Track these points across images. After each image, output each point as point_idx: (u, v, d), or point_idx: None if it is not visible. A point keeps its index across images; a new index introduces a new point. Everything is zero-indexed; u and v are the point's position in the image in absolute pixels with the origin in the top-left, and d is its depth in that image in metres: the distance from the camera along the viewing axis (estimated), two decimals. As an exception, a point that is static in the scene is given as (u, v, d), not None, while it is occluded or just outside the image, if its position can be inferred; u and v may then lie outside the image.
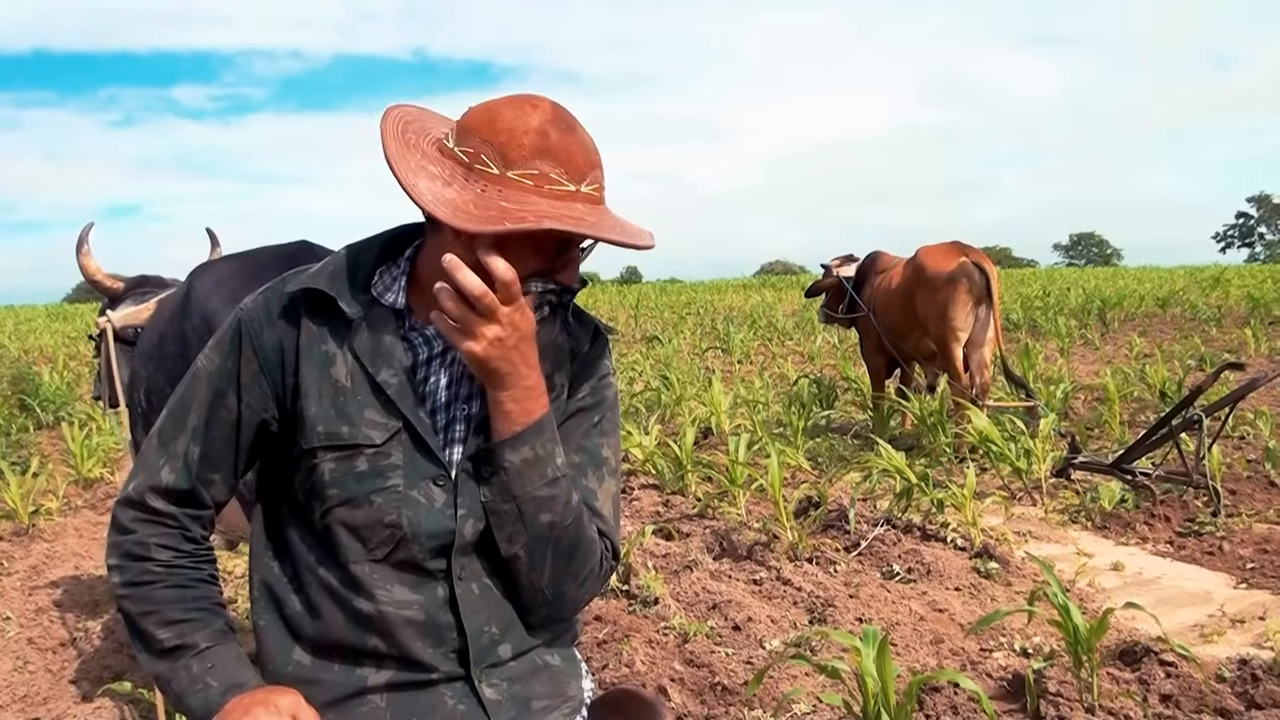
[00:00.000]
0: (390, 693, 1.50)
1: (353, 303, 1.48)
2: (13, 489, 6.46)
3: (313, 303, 1.49)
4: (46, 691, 4.02)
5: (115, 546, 1.49)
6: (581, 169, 1.42)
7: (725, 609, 4.35)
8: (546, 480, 1.48)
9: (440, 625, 1.50)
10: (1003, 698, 3.58)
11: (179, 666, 1.43)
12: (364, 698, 1.49)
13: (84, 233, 4.15)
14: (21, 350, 20.78)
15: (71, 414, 10.84)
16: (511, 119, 1.41)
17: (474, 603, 1.52)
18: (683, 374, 11.91)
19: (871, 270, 9.27)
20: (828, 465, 7.49)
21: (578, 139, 1.43)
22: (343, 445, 1.47)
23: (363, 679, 1.49)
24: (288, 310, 1.50)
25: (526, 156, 1.39)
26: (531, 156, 1.39)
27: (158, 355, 3.14)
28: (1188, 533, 5.52)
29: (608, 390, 1.64)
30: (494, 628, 1.54)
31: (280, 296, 1.51)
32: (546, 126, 1.41)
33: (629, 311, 28.08)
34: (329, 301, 1.48)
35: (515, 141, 1.40)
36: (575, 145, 1.42)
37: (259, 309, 1.51)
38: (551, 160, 1.40)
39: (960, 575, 4.82)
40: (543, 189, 1.39)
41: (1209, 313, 19.60)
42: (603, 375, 1.64)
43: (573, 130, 1.43)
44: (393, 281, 1.53)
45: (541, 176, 1.39)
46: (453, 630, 1.51)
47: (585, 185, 1.42)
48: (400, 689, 1.50)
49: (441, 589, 1.50)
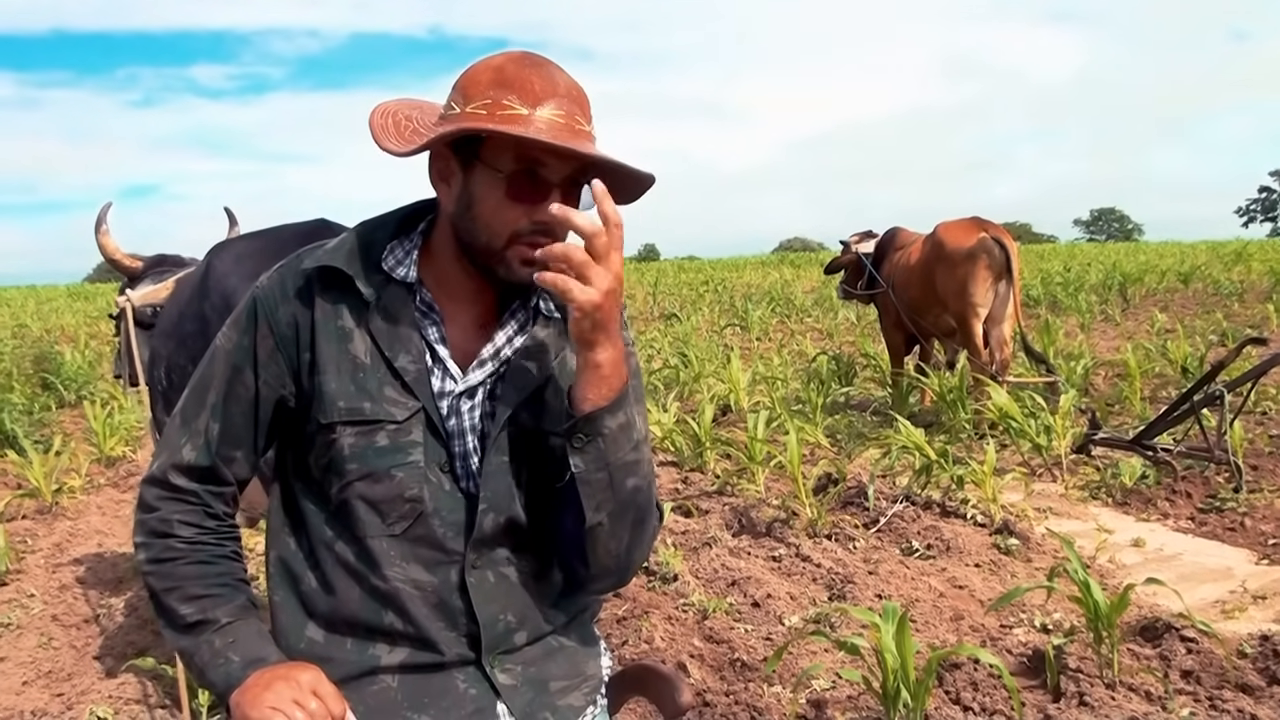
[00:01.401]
0: (402, 674, 1.50)
1: (369, 282, 1.48)
2: (36, 467, 6.51)
3: (329, 279, 1.48)
4: (71, 667, 4.05)
5: (140, 524, 1.50)
6: (538, 95, 1.38)
7: (744, 585, 4.36)
8: (633, 445, 1.45)
9: (452, 609, 1.50)
10: (1023, 674, 3.58)
11: (201, 641, 1.43)
12: (375, 677, 1.49)
13: (103, 212, 4.16)
14: (43, 330, 20.95)
15: (93, 393, 10.92)
16: (478, 64, 1.42)
17: (488, 591, 1.52)
18: (701, 351, 11.90)
19: (890, 246, 9.22)
20: (847, 442, 7.48)
21: (539, 71, 1.41)
22: (364, 420, 1.46)
23: (375, 658, 1.49)
24: (303, 287, 1.49)
25: (482, 90, 1.39)
26: (487, 88, 1.39)
27: (177, 333, 3.15)
28: (1209, 509, 5.49)
29: (631, 359, 1.63)
30: (510, 616, 1.53)
31: (296, 273, 1.50)
32: (506, 63, 1.41)
33: (647, 289, 28.06)
34: (345, 279, 1.48)
35: (475, 80, 1.40)
36: (534, 75, 1.40)
37: (274, 286, 1.51)
38: (505, 89, 1.38)
39: (980, 551, 4.81)
40: (495, 115, 1.37)
41: (1231, 287, 19.46)
42: (625, 345, 1.63)
43: (536, 65, 1.41)
44: (405, 256, 1.52)
45: (494, 104, 1.37)
46: (464, 615, 1.50)
47: (542, 109, 1.38)
48: (412, 670, 1.50)
49: (455, 573, 1.50)
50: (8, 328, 21.94)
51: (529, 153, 1.39)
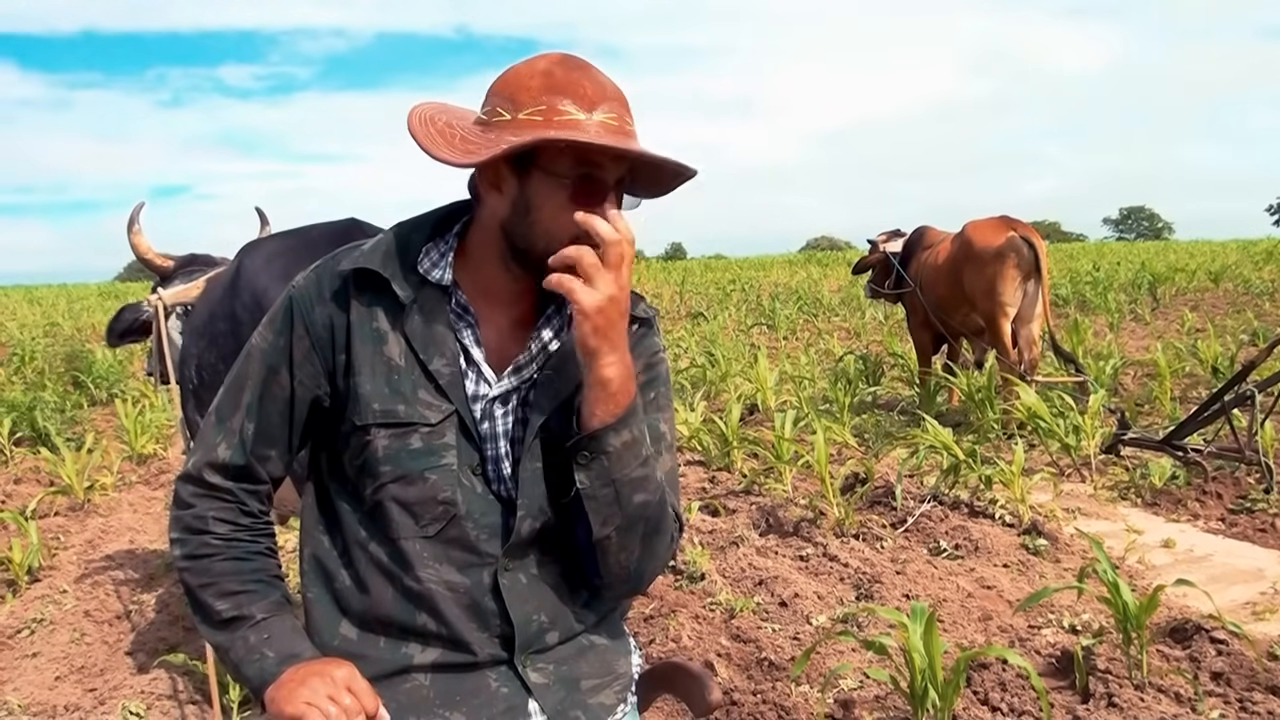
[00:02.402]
0: (435, 673, 1.50)
1: (405, 284, 1.48)
2: (68, 464, 6.58)
3: (364, 281, 1.49)
4: (103, 663, 4.09)
5: (176, 520, 1.52)
6: (591, 99, 1.40)
7: (771, 585, 4.36)
8: (640, 460, 1.47)
9: (485, 610, 1.50)
10: (1051, 674, 3.56)
11: (236, 637, 1.45)
12: (408, 675, 1.50)
13: (135, 212, 4.20)
14: (75, 328, 21.11)
15: (124, 391, 11.01)
16: (520, 68, 1.44)
17: (521, 592, 1.52)
18: (728, 350, 11.90)
19: (918, 245, 9.19)
20: (874, 441, 7.45)
21: (587, 74, 1.43)
22: (398, 423, 1.47)
23: (408, 657, 1.50)
24: (339, 288, 1.50)
25: (535, 96, 1.40)
26: (539, 94, 1.40)
27: (208, 333, 3.17)
28: (1239, 510, 5.45)
29: (660, 366, 1.64)
30: (543, 616, 1.54)
31: (332, 275, 1.51)
32: (552, 67, 1.42)
33: (674, 288, 28.04)
34: (381, 281, 1.48)
35: (523, 86, 1.41)
36: (584, 79, 1.42)
37: (310, 286, 1.52)
38: (558, 94, 1.40)
39: (1008, 552, 4.79)
40: (552, 121, 1.39)
41: (1262, 286, 19.28)
42: (655, 352, 1.63)
43: (581, 68, 1.43)
44: (440, 257, 1.52)
45: (550, 110, 1.39)
46: (497, 617, 1.51)
47: (598, 114, 1.40)
48: (445, 670, 1.50)
49: (488, 575, 1.51)
50: (40, 326, 22.14)
51: (588, 157, 1.41)
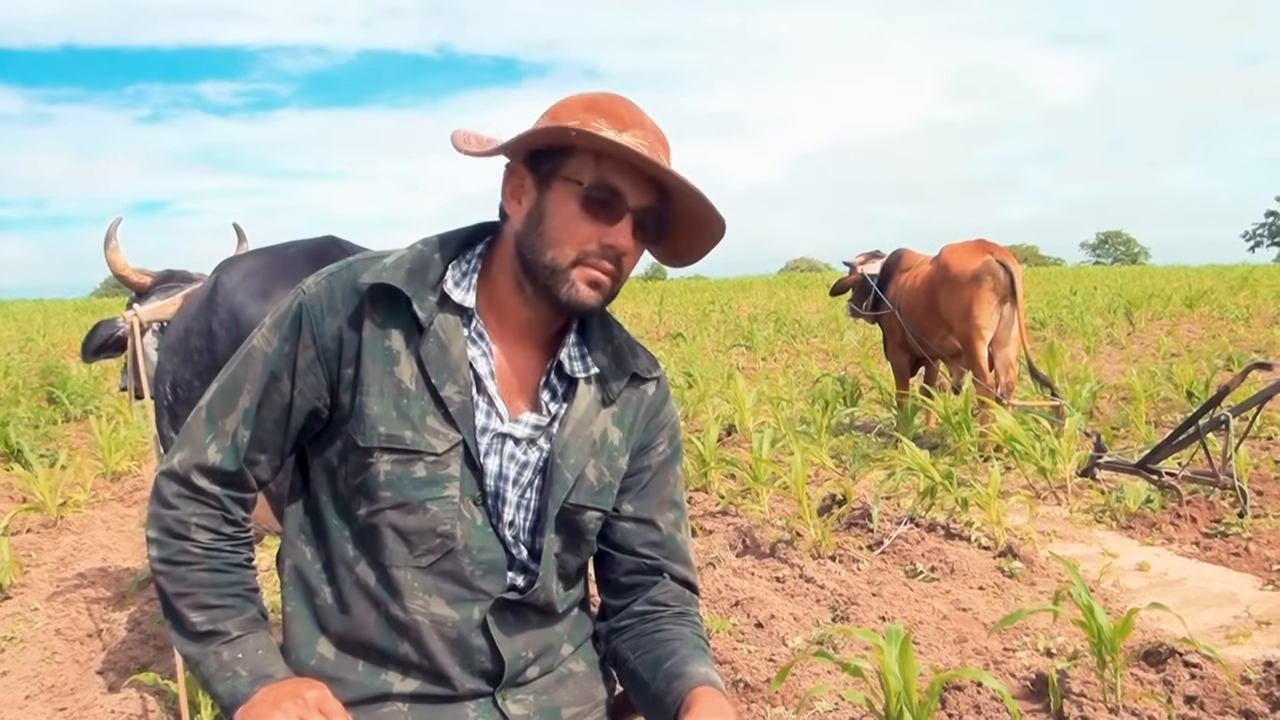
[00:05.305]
0: (413, 703, 1.49)
1: (425, 304, 1.46)
2: (41, 481, 6.51)
3: (381, 296, 1.46)
4: (74, 682, 4.05)
5: (156, 519, 1.47)
6: (626, 122, 1.42)
7: (748, 606, 4.35)
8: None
9: (471, 647, 1.49)
10: (1026, 697, 3.57)
11: (209, 651, 1.42)
12: (386, 703, 1.48)
13: (112, 228, 4.18)
14: (50, 344, 20.97)
15: (99, 408, 10.93)
16: (569, 98, 1.46)
17: (510, 629, 1.51)
18: (706, 371, 11.90)
19: (896, 268, 9.24)
20: (851, 463, 7.47)
21: (629, 106, 1.45)
22: (404, 449, 1.44)
23: (387, 685, 1.48)
24: (354, 300, 1.46)
25: (573, 112, 1.43)
26: (577, 110, 1.42)
27: (184, 349, 3.16)
28: (1214, 533, 5.48)
29: (678, 436, 1.66)
30: (529, 652, 1.54)
31: (348, 287, 1.47)
32: (598, 96, 1.45)
33: (653, 308, 28.05)
34: (401, 299, 1.46)
35: (566, 105, 1.45)
36: (623, 107, 1.44)
37: (322, 294, 1.48)
38: (595, 113, 1.41)
39: (984, 574, 4.80)
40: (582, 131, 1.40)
41: (1237, 312, 19.44)
42: (673, 421, 1.65)
43: (627, 103, 1.46)
44: (463, 277, 1.50)
45: (583, 123, 1.40)
46: (484, 654, 1.50)
47: (629, 134, 1.40)
48: (424, 700, 1.49)
49: (478, 612, 1.49)
50: (15, 341, 21.99)
51: (608, 178, 1.41)
